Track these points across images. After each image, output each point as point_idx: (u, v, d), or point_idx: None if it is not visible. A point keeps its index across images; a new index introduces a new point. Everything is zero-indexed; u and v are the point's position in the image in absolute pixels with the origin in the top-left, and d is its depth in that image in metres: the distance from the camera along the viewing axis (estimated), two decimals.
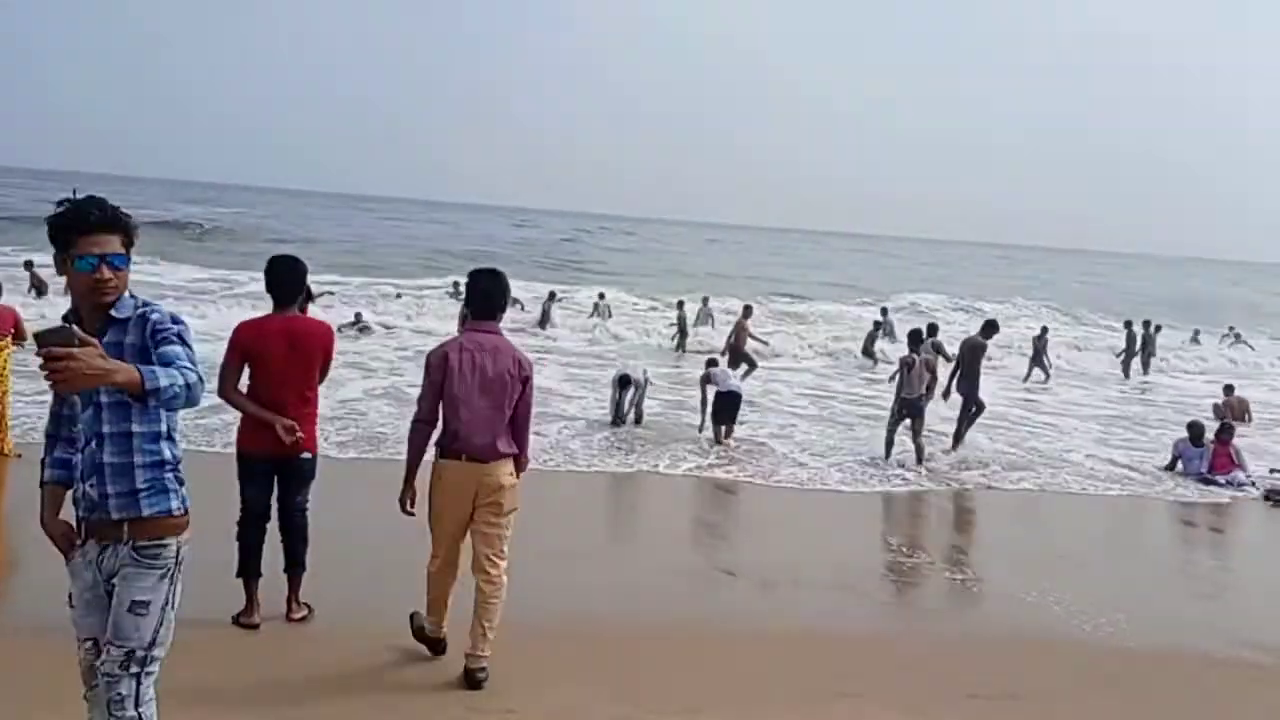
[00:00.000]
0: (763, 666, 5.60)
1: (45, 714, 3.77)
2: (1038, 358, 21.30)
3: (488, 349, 4.88)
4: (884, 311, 25.99)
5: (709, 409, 12.29)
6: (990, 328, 13.23)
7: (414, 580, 5.19)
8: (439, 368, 4.85)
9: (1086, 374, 22.82)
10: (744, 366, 16.86)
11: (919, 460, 11.50)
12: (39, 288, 19.46)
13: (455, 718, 4.57)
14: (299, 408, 5.34)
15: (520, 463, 5.02)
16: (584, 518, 9.04)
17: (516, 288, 26.06)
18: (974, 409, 12.60)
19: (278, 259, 5.57)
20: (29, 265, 20.27)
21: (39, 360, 2.52)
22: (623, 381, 12.62)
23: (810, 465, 11.17)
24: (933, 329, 15.44)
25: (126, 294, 2.97)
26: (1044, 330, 22.68)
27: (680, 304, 23.87)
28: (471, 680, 4.83)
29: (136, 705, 2.98)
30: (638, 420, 12.69)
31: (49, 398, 3.08)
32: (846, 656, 5.89)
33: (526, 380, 4.92)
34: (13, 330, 9.25)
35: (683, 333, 22.40)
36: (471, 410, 4.81)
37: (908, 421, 11.69)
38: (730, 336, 17.96)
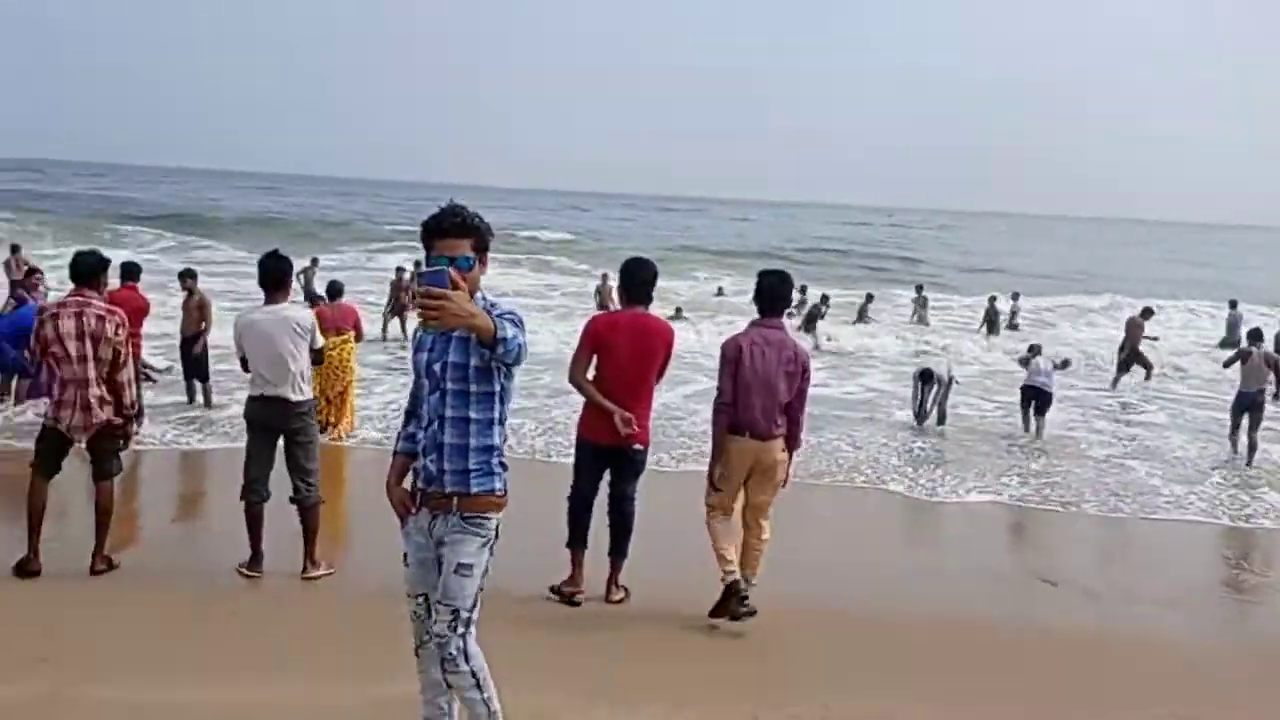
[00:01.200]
0: (1084, 673, 5.36)
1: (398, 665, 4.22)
2: None
3: (773, 343, 5.51)
4: (1233, 304, 23.68)
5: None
6: None
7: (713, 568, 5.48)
8: (734, 358, 5.46)
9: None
10: (1140, 370, 16.31)
11: (1249, 458, 11.09)
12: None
13: (748, 714, 4.63)
14: (636, 401, 5.64)
15: (793, 443, 5.64)
16: (895, 529, 8.83)
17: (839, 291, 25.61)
18: None
19: (633, 260, 5.96)
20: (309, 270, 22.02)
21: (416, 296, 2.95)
22: (924, 376, 12.25)
23: (1164, 490, 9.86)
24: None
25: (479, 294, 3.28)
26: None
27: (992, 299, 23.31)
28: (734, 596, 5.47)
29: (467, 660, 3.35)
30: (940, 419, 12.28)
31: (405, 381, 3.50)
32: (1180, 673, 5.52)
33: (804, 371, 5.55)
34: (354, 326, 10.45)
35: (992, 327, 21.75)
36: (756, 395, 5.44)
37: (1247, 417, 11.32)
38: (1125, 339, 16.86)
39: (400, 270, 18.71)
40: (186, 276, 11.79)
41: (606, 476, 5.84)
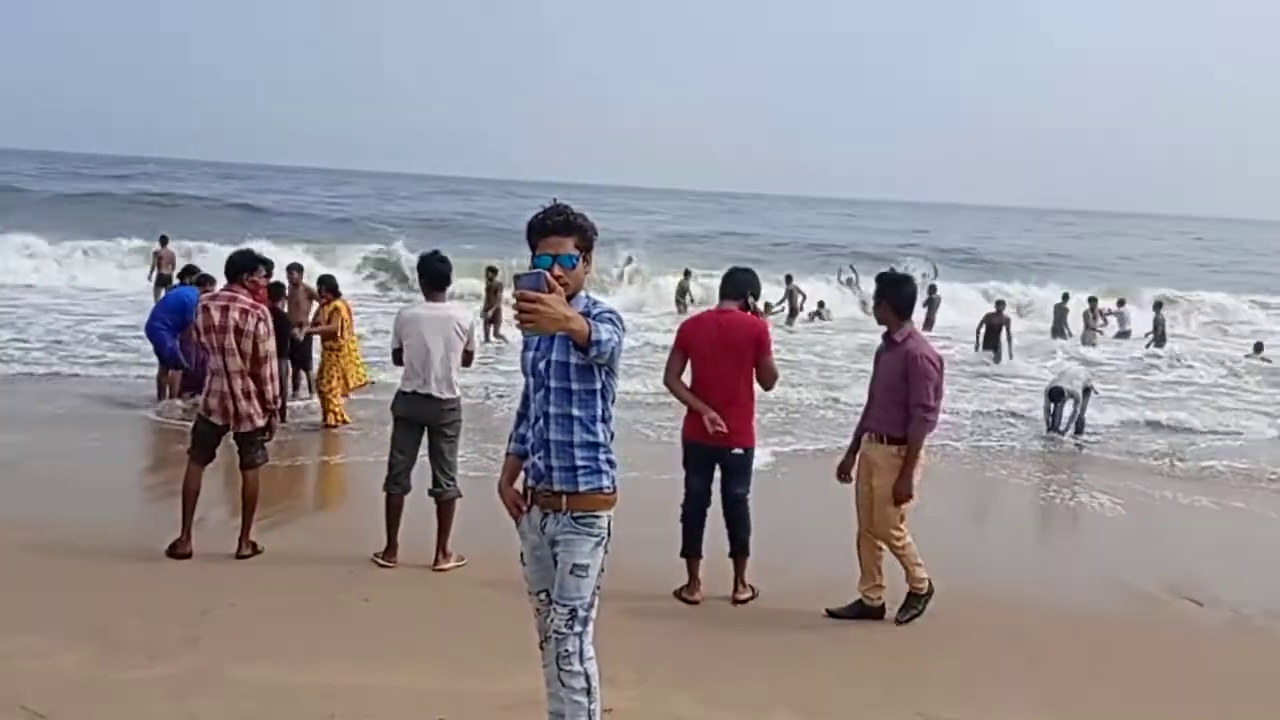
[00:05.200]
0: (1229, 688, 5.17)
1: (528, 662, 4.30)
2: None
3: None
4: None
5: None
6: None
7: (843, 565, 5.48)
8: (943, 373, 5.62)
9: None
10: None
11: None
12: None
13: (910, 717, 4.57)
14: (728, 401, 5.65)
15: None
16: (1028, 536, 8.57)
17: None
18: None
19: (738, 268, 6.07)
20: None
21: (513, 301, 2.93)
22: (1054, 394, 12.01)
23: None
24: None
25: (582, 294, 3.35)
26: None
27: (1159, 303, 23.56)
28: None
29: (582, 661, 3.37)
30: (1079, 430, 11.97)
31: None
32: None
33: None
34: None
35: (1160, 339, 21.61)
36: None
37: None
38: None
39: (492, 271, 17.97)
40: (293, 269, 12.45)
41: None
